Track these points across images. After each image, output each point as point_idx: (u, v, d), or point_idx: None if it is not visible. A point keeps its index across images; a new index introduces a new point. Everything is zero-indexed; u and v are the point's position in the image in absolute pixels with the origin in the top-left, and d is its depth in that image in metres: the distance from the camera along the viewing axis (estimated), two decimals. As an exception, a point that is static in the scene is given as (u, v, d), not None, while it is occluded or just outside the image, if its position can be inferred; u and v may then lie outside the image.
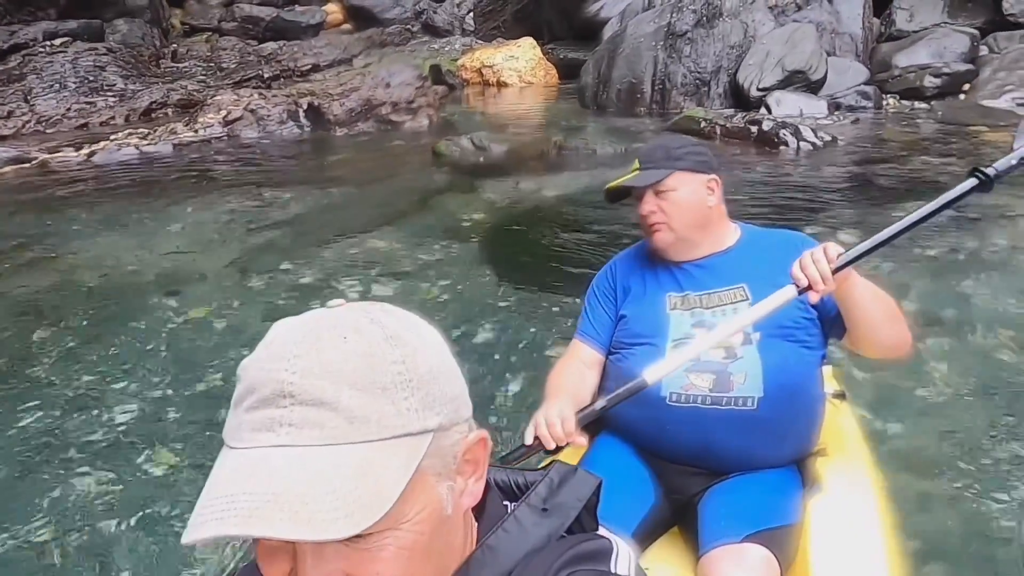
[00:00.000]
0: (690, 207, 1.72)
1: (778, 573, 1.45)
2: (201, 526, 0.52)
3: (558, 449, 1.53)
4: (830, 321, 1.64)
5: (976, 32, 8.73)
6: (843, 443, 1.77)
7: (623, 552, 0.68)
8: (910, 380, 2.77)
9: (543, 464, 1.53)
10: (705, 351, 1.57)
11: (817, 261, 1.45)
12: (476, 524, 0.67)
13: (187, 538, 0.53)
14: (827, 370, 1.88)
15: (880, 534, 1.51)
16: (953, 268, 3.86)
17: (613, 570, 0.66)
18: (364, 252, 4.52)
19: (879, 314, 1.57)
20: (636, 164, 1.78)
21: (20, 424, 2.94)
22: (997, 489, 2.23)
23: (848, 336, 1.63)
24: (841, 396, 1.92)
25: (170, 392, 3.12)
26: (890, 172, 5.76)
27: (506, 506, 0.70)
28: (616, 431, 1.74)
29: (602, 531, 0.71)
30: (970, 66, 8.19)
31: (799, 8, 8.70)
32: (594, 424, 1.70)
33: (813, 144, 6.27)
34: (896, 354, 1.71)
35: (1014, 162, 1.53)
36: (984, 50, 8.70)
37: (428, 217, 5.18)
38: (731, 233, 1.80)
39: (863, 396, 2.29)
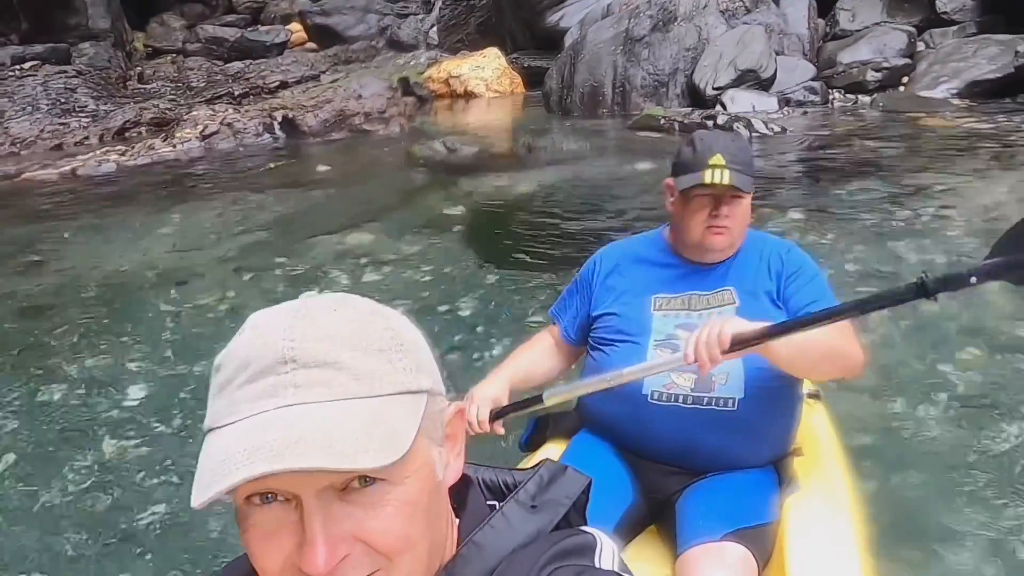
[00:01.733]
0: (747, 218, 1.73)
1: (756, 571, 1.48)
2: (224, 476, 0.52)
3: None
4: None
5: (913, 30, 9.29)
6: (818, 442, 1.81)
7: (607, 547, 0.68)
8: (883, 379, 2.82)
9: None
10: (600, 388, 1.61)
11: (709, 345, 1.44)
12: (457, 521, 0.67)
13: (204, 496, 0.52)
14: None
15: (853, 532, 1.56)
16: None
17: (597, 565, 0.66)
18: (350, 245, 4.81)
19: (808, 362, 1.57)
20: (720, 160, 1.67)
21: (44, 402, 3.20)
22: (967, 484, 2.30)
23: None
24: (816, 396, 1.96)
25: (180, 370, 3.38)
26: (835, 156, 6.23)
27: (491, 505, 0.69)
28: (596, 428, 1.76)
29: (586, 527, 0.71)
30: (908, 60, 8.73)
31: (748, 11, 9.18)
32: (574, 422, 1.80)
33: (764, 135, 6.71)
34: (845, 378, 1.78)
35: (971, 279, 1.34)
36: (921, 46, 9.26)
37: (408, 212, 5.50)
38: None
39: (837, 395, 2.32)
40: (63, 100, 10.84)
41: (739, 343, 1.44)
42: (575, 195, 5.73)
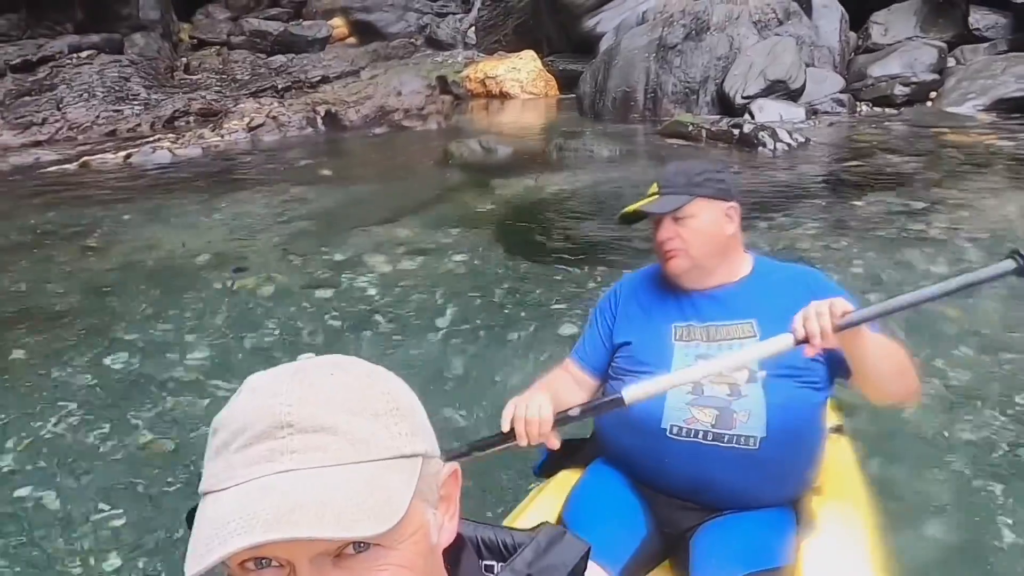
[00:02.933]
0: (708, 235, 1.70)
1: None
2: (221, 544, 0.52)
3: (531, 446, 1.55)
4: (838, 361, 1.60)
5: (944, 46, 9.43)
6: (839, 480, 1.76)
7: None
8: (912, 411, 2.71)
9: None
10: (685, 383, 1.56)
11: (820, 315, 1.41)
12: None
13: (200, 565, 0.52)
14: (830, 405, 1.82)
15: None
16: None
17: None
18: (388, 236, 5.13)
19: (887, 370, 1.54)
20: (655, 188, 1.76)
21: (111, 365, 3.55)
22: (999, 530, 2.22)
23: (852, 382, 1.62)
24: (839, 430, 1.91)
25: (231, 341, 3.73)
26: (856, 169, 6.44)
27: (488, 566, 0.70)
28: (612, 459, 1.74)
29: None
30: (936, 76, 8.88)
31: (781, 23, 9.37)
32: (589, 450, 1.78)
33: (788, 145, 6.93)
34: (902, 402, 1.74)
35: None
36: (952, 62, 9.39)
37: (443, 208, 5.81)
38: (744, 263, 1.78)
39: (861, 428, 2.26)
40: (117, 88, 11.33)
41: (849, 320, 1.41)
42: (602, 198, 6.02)
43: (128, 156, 7.99)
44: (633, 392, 1.53)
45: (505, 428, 1.53)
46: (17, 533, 2.46)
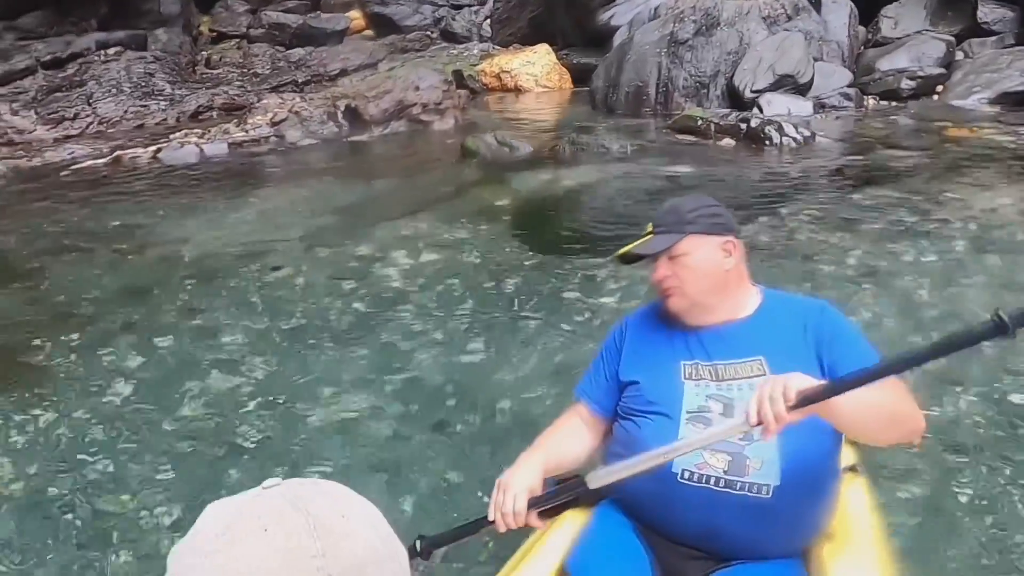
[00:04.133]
0: (705, 271, 1.68)
1: None
2: None
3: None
4: None
5: (952, 39, 9.57)
6: (853, 524, 1.69)
7: None
8: (934, 445, 2.64)
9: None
10: (650, 466, 1.50)
11: (773, 400, 1.35)
12: None
13: None
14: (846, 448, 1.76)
15: None
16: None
17: None
18: (409, 230, 5.43)
19: (873, 423, 1.50)
20: (649, 228, 1.75)
21: (156, 346, 3.87)
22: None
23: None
24: (853, 469, 1.83)
25: (264, 325, 4.04)
26: (857, 163, 6.66)
27: None
28: (619, 502, 1.70)
29: None
30: (942, 70, 9.04)
31: (789, 18, 9.55)
32: (597, 494, 1.69)
33: (794, 139, 7.15)
34: (902, 443, 1.70)
35: None
36: (960, 55, 9.54)
37: (461, 202, 6.10)
38: (751, 298, 1.75)
39: (880, 464, 2.18)
40: (143, 84, 11.68)
41: (805, 399, 1.34)
42: (612, 192, 6.28)
43: (157, 151, 8.33)
44: (599, 477, 1.54)
45: (491, 516, 1.58)
46: (78, 491, 2.78)
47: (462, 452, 2.85)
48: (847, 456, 1.79)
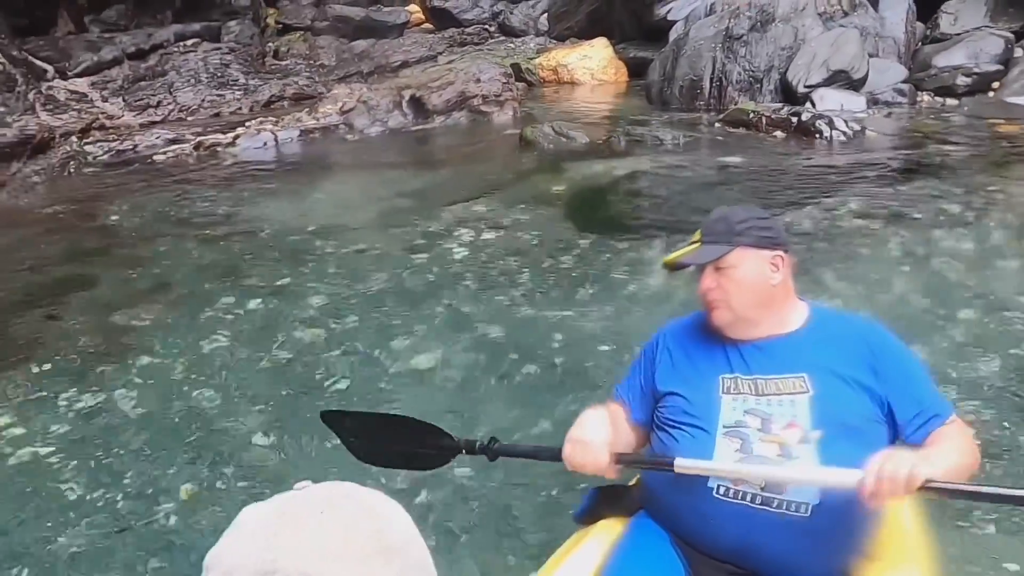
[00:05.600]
0: (751, 285, 1.66)
1: None
2: None
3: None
4: (904, 425, 1.58)
5: (1012, 36, 9.56)
6: (898, 547, 1.63)
7: None
8: (998, 462, 2.59)
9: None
10: (739, 475, 1.52)
11: (895, 482, 1.36)
12: None
13: None
14: None
15: None
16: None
17: None
18: (471, 212, 5.83)
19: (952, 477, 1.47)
20: (697, 236, 1.73)
21: (248, 307, 4.36)
22: None
23: None
24: None
25: (344, 290, 4.51)
26: (905, 156, 6.85)
27: None
28: (655, 513, 1.70)
29: None
30: (999, 66, 9.06)
31: (846, 14, 9.68)
32: (632, 499, 1.75)
33: (844, 133, 7.34)
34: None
35: None
36: (1019, 51, 9.52)
37: (519, 187, 6.48)
38: (797, 314, 1.72)
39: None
40: (219, 74, 12.34)
41: (921, 489, 1.37)
42: (664, 181, 6.60)
43: (236, 137, 8.92)
44: (685, 464, 1.55)
45: (565, 452, 1.64)
46: (188, 421, 3.26)
47: (523, 397, 3.25)
48: None
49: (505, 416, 3.11)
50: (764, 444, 1.56)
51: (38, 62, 10.15)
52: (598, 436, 1.65)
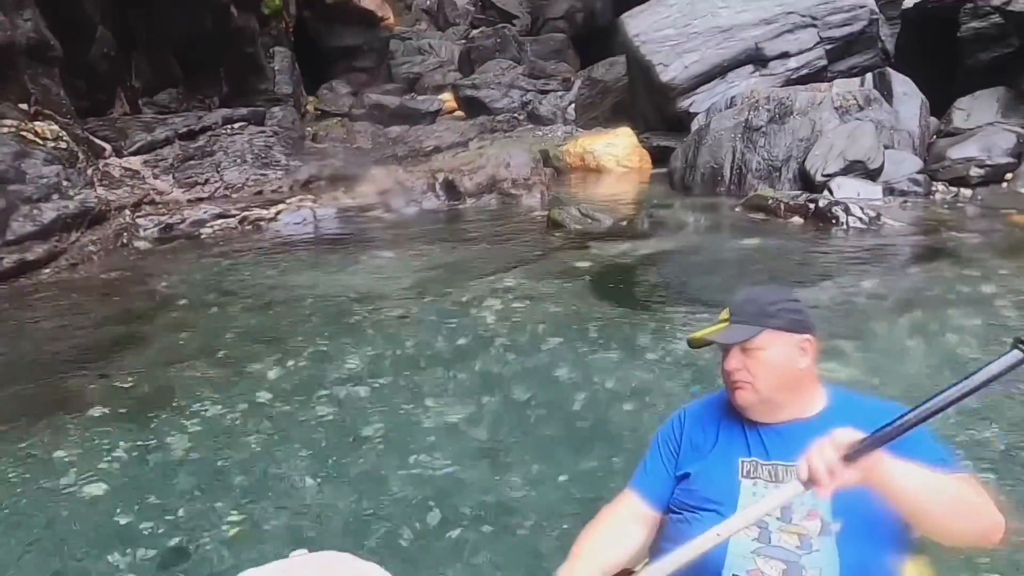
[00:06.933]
0: (779, 368, 1.64)
1: None
2: None
3: None
4: None
5: (1022, 131, 9.91)
6: None
7: None
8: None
9: None
10: (698, 553, 1.46)
11: (822, 450, 1.34)
12: None
13: None
14: (912, 564, 1.60)
15: None
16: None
17: None
18: (501, 285, 6.12)
19: (940, 508, 1.41)
20: (726, 315, 1.71)
21: (289, 367, 4.62)
22: None
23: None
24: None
25: (380, 352, 4.76)
26: (920, 241, 7.10)
27: None
28: None
29: None
30: (1012, 159, 9.38)
31: (861, 108, 10.11)
32: None
33: (860, 219, 7.62)
34: (978, 545, 1.58)
35: None
36: (1032, 146, 9.85)
37: (547, 263, 6.80)
38: (819, 398, 1.71)
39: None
40: (263, 155, 13.04)
41: (856, 449, 1.34)
42: (686, 260, 6.89)
43: (278, 213, 9.42)
44: (650, 572, 1.50)
45: None
46: (235, 466, 3.48)
47: (547, 451, 3.44)
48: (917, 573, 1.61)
49: (530, 467, 3.31)
50: (784, 534, 1.53)
51: (97, 141, 10.85)
52: None
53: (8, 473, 3.54)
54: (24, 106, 8.83)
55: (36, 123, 8.60)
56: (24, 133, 8.22)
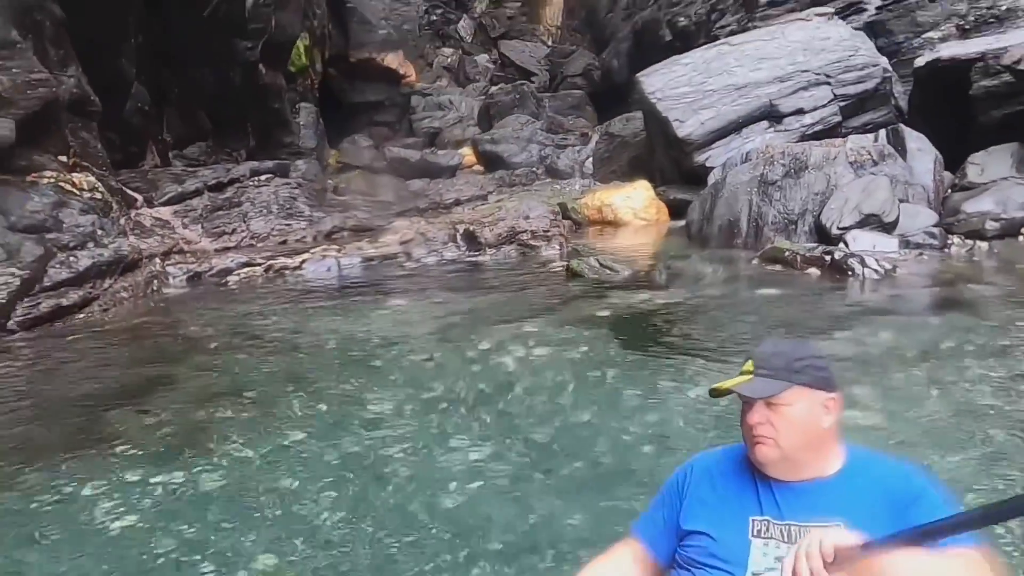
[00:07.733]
0: (803, 426, 1.62)
1: None
2: None
3: None
4: None
5: (1037, 186, 10.03)
6: None
7: None
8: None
9: None
10: None
11: (810, 557, 1.32)
12: None
13: None
14: None
15: None
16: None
17: None
18: (522, 332, 6.24)
19: None
20: (749, 366, 1.68)
21: (317, 409, 4.73)
22: None
23: None
24: None
25: (406, 397, 4.87)
26: (935, 293, 7.18)
27: None
28: None
29: None
30: (1027, 214, 9.48)
31: (875, 163, 10.27)
32: None
33: (876, 271, 7.71)
34: None
35: None
36: (1046, 200, 9.93)
37: (566, 312, 6.92)
38: (837, 457, 1.68)
39: None
40: (288, 206, 13.39)
41: (845, 556, 1.32)
42: (704, 309, 6.99)
43: (303, 262, 9.65)
44: None
45: None
46: (265, 502, 3.58)
47: (567, 491, 3.52)
48: None
49: (549, 507, 3.38)
50: None
51: (130, 191, 11.20)
52: None
53: (44, 507, 3.67)
54: (63, 158, 9.18)
55: (74, 174, 8.95)
56: (63, 184, 8.57)
